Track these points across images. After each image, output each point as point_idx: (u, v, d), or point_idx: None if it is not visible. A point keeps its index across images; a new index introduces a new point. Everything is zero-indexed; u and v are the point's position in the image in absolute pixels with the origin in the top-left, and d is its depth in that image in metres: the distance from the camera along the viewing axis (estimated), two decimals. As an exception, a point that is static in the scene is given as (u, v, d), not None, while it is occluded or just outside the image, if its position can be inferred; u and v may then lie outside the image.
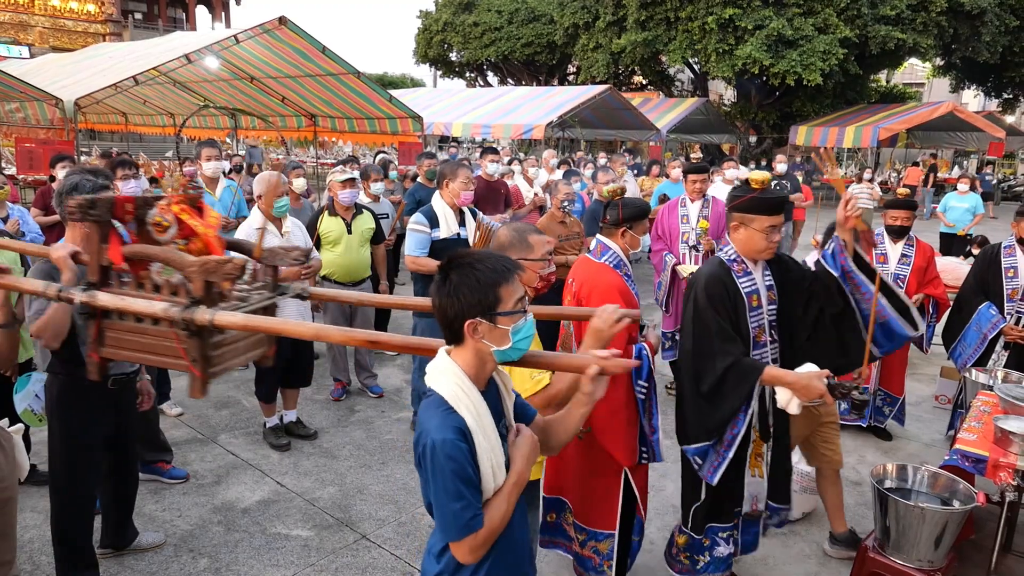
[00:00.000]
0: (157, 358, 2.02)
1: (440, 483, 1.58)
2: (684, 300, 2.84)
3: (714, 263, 2.78)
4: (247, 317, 1.90)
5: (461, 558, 1.65)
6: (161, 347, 1.99)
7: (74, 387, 2.84)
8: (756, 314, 2.74)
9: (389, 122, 13.09)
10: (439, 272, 1.65)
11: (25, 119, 12.00)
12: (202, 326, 1.86)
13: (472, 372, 1.66)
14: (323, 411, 5.13)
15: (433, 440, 1.58)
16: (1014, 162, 28.04)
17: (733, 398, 2.64)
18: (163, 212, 2.14)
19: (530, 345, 1.68)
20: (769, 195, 2.66)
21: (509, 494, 1.67)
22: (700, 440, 2.77)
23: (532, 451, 1.74)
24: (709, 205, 5.41)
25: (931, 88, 36.71)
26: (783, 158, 10.06)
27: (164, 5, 35.43)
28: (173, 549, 3.41)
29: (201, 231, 2.19)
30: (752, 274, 2.75)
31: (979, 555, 3.02)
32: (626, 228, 3.11)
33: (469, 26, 30.37)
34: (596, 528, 2.96)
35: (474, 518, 1.60)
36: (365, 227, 5.17)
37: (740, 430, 2.69)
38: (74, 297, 2.03)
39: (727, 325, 2.67)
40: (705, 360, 2.68)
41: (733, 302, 2.69)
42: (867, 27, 18.84)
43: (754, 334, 2.74)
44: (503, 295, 1.60)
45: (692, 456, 2.82)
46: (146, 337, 2.02)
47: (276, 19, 10.10)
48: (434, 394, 1.66)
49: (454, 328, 1.63)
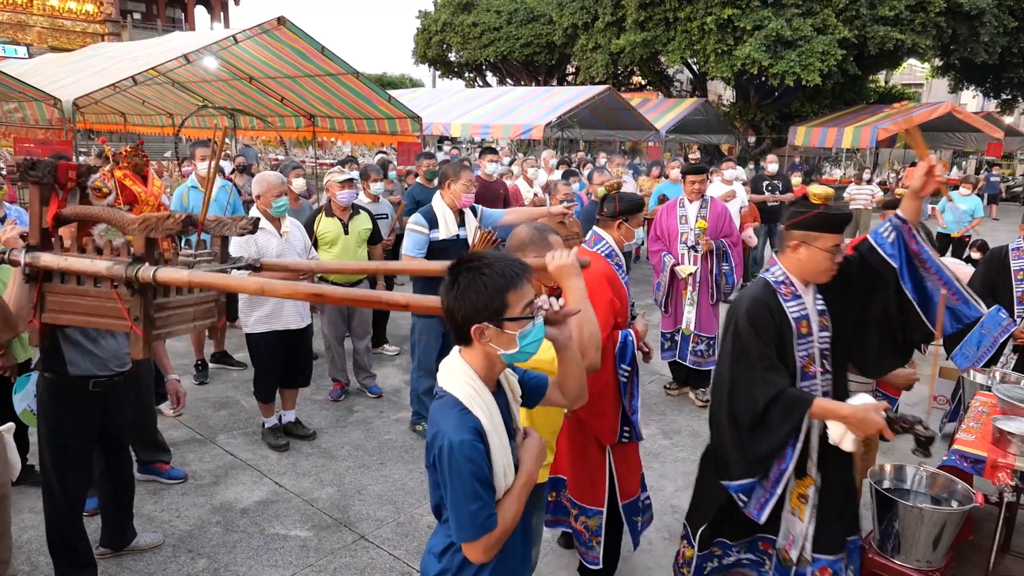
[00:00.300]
0: (99, 319, 2.01)
1: (458, 484, 1.58)
2: (725, 324, 2.58)
3: (759, 285, 2.53)
4: (191, 273, 1.88)
5: (474, 558, 1.65)
6: (103, 308, 1.98)
7: (59, 388, 2.84)
8: (805, 342, 2.48)
9: (388, 122, 13.09)
10: (448, 273, 1.65)
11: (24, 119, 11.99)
12: (144, 284, 1.85)
13: (482, 373, 1.68)
14: (322, 411, 5.13)
15: (451, 441, 1.58)
16: (1012, 163, 28.05)
17: (778, 432, 2.39)
18: (104, 178, 2.13)
19: (539, 349, 1.68)
20: (835, 211, 2.41)
21: (519, 494, 1.68)
22: (744, 476, 2.51)
23: (540, 452, 1.76)
24: (708, 205, 5.41)
25: (930, 89, 36.73)
26: (774, 158, 10.13)
27: (163, 5, 35.41)
28: (171, 549, 3.41)
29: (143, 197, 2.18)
30: (802, 298, 2.49)
31: (978, 556, 3.02)
32: (622, 221, 3.30)
33: (468, 26, 30.36)
34: (586, 504, 3.05)
35: (489, 518, 1.61)
36: (362, 228, 5.17)
37: (789, 465, 2.43)
38: (20, 259, 2.01)
39: (771, 352, 2.41)
40: (744, 390, 2.44)
41: (779, 328, 2.44)
42: (866, 28, 18.84)
43: (802, 364, 2.48)
44: (511, 300, 1.60)
45: (736, 493, 2.55)
46: (87, 299, 2.01)
47: (275, 19, 10.09)
48: (447, 395, 1.67)
49: (462, 331, 1.64)
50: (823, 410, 2.36)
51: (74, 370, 2.85)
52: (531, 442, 1.75)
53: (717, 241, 5.35)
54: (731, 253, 5.44)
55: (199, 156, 5.72)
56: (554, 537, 3.51)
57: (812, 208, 2.42)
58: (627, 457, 3.09)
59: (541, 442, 1.77)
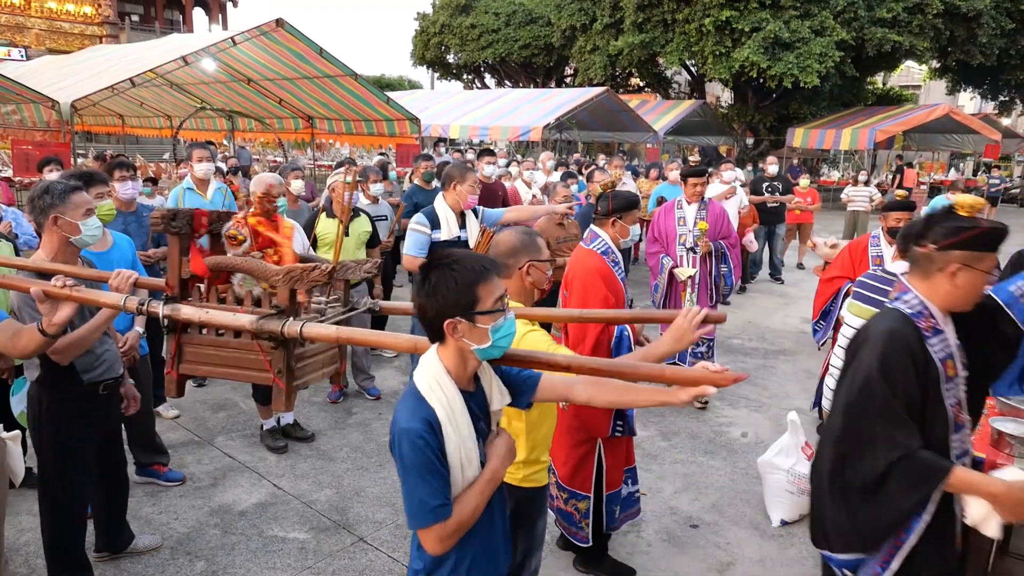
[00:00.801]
0: (239, 371, 2.00)
1: (406, 470, 1.64)
2: (846, 359, 2.13)
3: (895, 318, 2.05)
4: (339, 329, 1.88)
5: (429, 547, 1.68)
6: (244, 360, 1.97)
7: (65, 397, 2.82)
8: (952, 386, 2.05)
9: (386, 124, 13.12)
10: (420, 272, 1.69)
11: (21, 121, 11.99)
12: (290, 337, 1.84)
13: (454, 369, 1.71)
14: (320, 413, 5.12)
15: (401, 428, 1.65)
16: (1010, 164, 28.10)
17: (900, 503, 1.97)
18: (238, 225, 2.14)
19: (511, 343, 1.72)
20: (997, 226, 2.01)
21: (482, 490, 1.70)
22: (851, 550, 2.10)
23: (508, 452, 1.78)
24: (706, 207, 5.42)
25: (928, 90, 36.80)
26: (774, 160, 10.14)
27: (161, 7, 35.38)
28: (170, 552, 3.40)
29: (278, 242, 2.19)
30: (943, 332, 2.05)
31: (977, 557, 3.02)
32: (616, 218, 3.35)
33: (466, 28, 30.38)
34: (575, 489, 3.16)
35: (441, 507, 1.64)
36: (361, 230, 5.16)
37: (910, 539, 2.02)
38: (158, 311, 2.00)
39: (900, 406, 1.96)
40: (863, 447, 2.01)
41: (922, 374, 1.98)
42: (863, 29, 18.88)
43: (952, 413, 2.04)
44: (481, 294, 1.64)
45: (839, 568, 2.16)
46: (227, 351, 2.00)
47: (273, 21, 10.11)
48: (411, 385, 1.73)
49: (435, 327, 1.67)
50: (965, 483, 1.92)
51: (87, 377, 2.86)
52: (499, 440, 1.78)
53: (715, 243, 5.35)
54: (729, 255, 5.43)
55: (195, 157, 5.70)
56: (553, 539, 3.51)
57: (969, 224, 1.98)
58: (616, 450, 3.17)
59: (510, 442, 1.80)
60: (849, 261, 4.75)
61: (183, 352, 2.08)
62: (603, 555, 3.31)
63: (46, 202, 2.62)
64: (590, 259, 3.25)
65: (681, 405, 1.69)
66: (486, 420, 1.79)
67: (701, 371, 1.63)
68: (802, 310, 8.14)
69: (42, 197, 2.63)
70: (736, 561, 3.46)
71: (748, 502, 3.99)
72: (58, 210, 2.62)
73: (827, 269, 4.99)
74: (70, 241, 2.66)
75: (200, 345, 2.06)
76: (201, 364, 2.07)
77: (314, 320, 2.01)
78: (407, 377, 5.19)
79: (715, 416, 5.21)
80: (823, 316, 4.83)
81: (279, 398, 1.94)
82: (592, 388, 1.82)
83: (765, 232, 9.67)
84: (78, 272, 2.56)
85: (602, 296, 3.10)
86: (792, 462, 3.72)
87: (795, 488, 3.70)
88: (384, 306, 2.36)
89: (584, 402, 1.84)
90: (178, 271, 2.05)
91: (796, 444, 3.76)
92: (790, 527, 3.74)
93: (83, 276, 2.59)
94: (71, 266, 2.61)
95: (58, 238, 2.65)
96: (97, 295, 2.27)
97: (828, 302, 4.78)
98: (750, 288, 9.60)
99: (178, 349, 2.08)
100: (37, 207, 2.64)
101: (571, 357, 1.84)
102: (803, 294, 9.09)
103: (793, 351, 6.88)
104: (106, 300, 2.22)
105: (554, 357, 1.80)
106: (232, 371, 2.02)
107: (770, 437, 4.53)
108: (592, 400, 1.83)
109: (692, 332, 1.93)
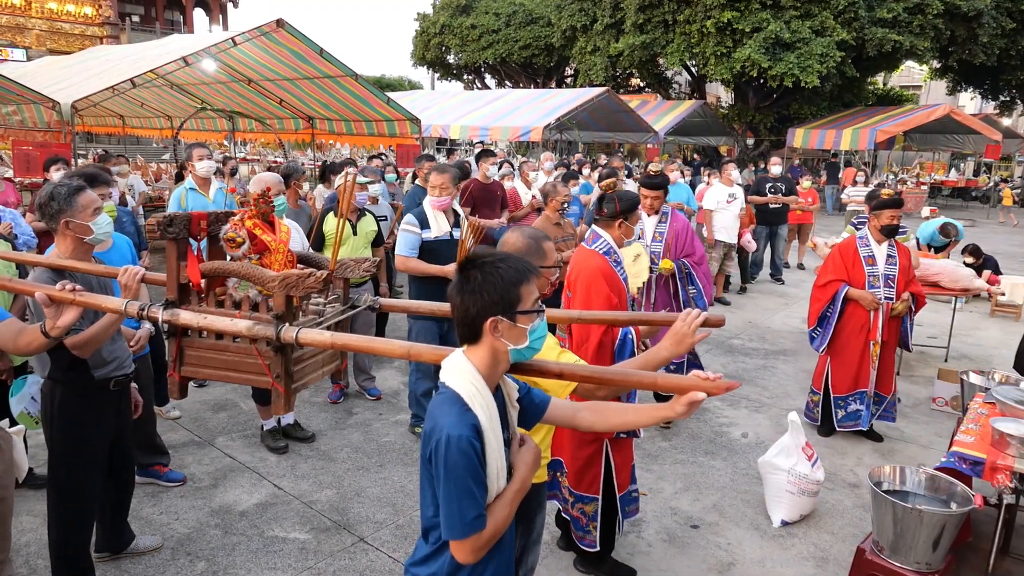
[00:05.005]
0: (239, 375, 2.02)
1: (452, 479, 1.59)
2: None
3: None
4: (334, 335, 1.88)
5: (462, 557, 1.64)
6: (243, 364, 1.99)
7: (77, 392, 2.83)
8: None
9: (387, 124, 13.12)
10: (459, 271, 1.67)
11: (22, 122, 12.00)
12: (286, 343, 1.86)
13: (485, 372, 1.68)
14: (321, 413, 5.12)
15: (449, 435, 1.58)
16: (1011, 164, 28.08)
17: None
18: (236, 228, 2.14)
19: (543, 344, 1.71)
20: None
21: (512, 500, 1.69)
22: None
23: (535, 460, 1.77)
24: (667, 220, 4.99)
25: (928, 90, 36.77)
26: (778, 160, 10.09)
27: (161, 8, 35.38)
28: (170, 552, 3.40)
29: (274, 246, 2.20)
30: None
31: (977, 557, 3.02)
32: (622, 220, 3.36)
33: (467, 29, 30.38)
34: (583, 492, 3.15)
35: (479, 518, 1.61)
36: (369, 229, 5.18)
37: None
38: (158, 316, 2.02)
39: None
40: None
41: None
42: (864, 30, 18.87)
43: None
44: (523, 294, 1.64)
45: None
46: (227, 354, 2.02)
47: (274, 22, 10.11)
48: (448, 390, 1.67)
49: (475, 326, 1.65)
50: None
51: (99, 373, 2.87)
52: (526, 450, 1.76)
53: (678, 262, 4.89)
54: (695, 274, 4.88)
55: (196, 157, 5.70)
56: (554, 539, 3.51)
57: None
58: (622, 450, 3.18)
59: (536, 450, 1.78)
60: (841, 263, 4.73)
61: (184, 355, 2.10)
62: (604, 556, 3.31)
63: (54, 208, 2.65)
64: (593, 259, 3.25)
65: (681, 418, 1.70)
66: (508, 427, 1.77)
67: (694, 379, 1.64)
68: (802, 311, 8.10)
69: (49, 204, 2.66)
70: (736, 561, 3.46)
71: (748, 502, 3.99)
72: (67, 215, 2.65)
73: (819, 274, 4.95)
74: (84, 241, 2.70)
75: (201, 348, 2.07)
76: (202, 367, 2.09)
77: (312, 322, 2.01)
78: (407, 377, 5.18)
79: (715, 416, 5.21)
80: (820, 323, 4.81)
81: (278, 402, 1.95)
82: (594, 415, 1.85)
83: (767, 232, 9.67)
84: (89, 268, 2.62)
85: (605, 296, 3.11)
86: (792, 462, 3.72)
87: (795, 488, 3.70)
88: (384, 303, 2.36)
89: (587, 428, 1.87)
90: (176, 276, 2.06)
91: (796, 444, 3.76)
92: (790, 527, 3.74)
93: (94, 272, 2.66)
94: (84, 262, 2.66)
95: (72, 240, 2.69)
96: (99, 300, 2.29)
97: (825, 307, 4.76)
98: (750, 288, 9.60)
99: (179, 352, 2.09)
100: (47, 214, 2.67)
101: (563, 364, 1.84)
102: (804, 294, 9.05)
103: (793, 351, 6.88)
104: (108, 305, 2.23)
105: (546, 364, 1.80)
106: (232, 374, 2.04)
107: (770, 437, 4.53)
108: (595, 426, 1.85)
109: (692, 336, 1.94)
